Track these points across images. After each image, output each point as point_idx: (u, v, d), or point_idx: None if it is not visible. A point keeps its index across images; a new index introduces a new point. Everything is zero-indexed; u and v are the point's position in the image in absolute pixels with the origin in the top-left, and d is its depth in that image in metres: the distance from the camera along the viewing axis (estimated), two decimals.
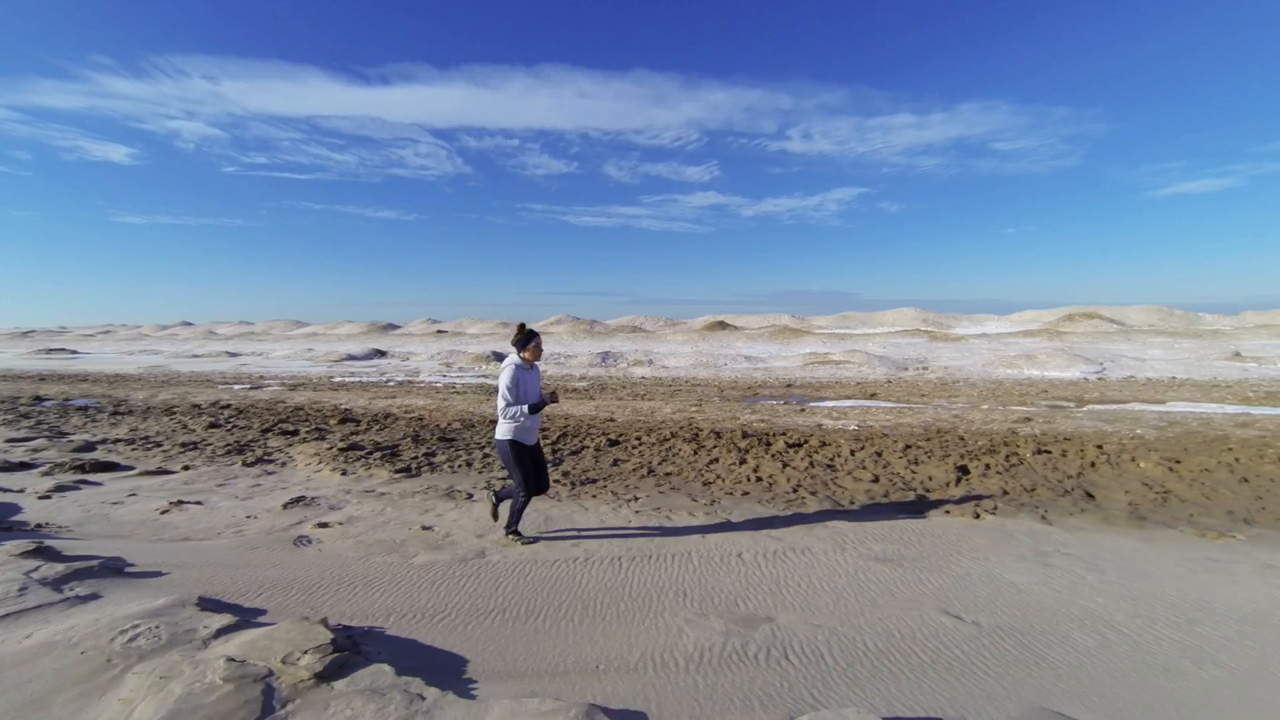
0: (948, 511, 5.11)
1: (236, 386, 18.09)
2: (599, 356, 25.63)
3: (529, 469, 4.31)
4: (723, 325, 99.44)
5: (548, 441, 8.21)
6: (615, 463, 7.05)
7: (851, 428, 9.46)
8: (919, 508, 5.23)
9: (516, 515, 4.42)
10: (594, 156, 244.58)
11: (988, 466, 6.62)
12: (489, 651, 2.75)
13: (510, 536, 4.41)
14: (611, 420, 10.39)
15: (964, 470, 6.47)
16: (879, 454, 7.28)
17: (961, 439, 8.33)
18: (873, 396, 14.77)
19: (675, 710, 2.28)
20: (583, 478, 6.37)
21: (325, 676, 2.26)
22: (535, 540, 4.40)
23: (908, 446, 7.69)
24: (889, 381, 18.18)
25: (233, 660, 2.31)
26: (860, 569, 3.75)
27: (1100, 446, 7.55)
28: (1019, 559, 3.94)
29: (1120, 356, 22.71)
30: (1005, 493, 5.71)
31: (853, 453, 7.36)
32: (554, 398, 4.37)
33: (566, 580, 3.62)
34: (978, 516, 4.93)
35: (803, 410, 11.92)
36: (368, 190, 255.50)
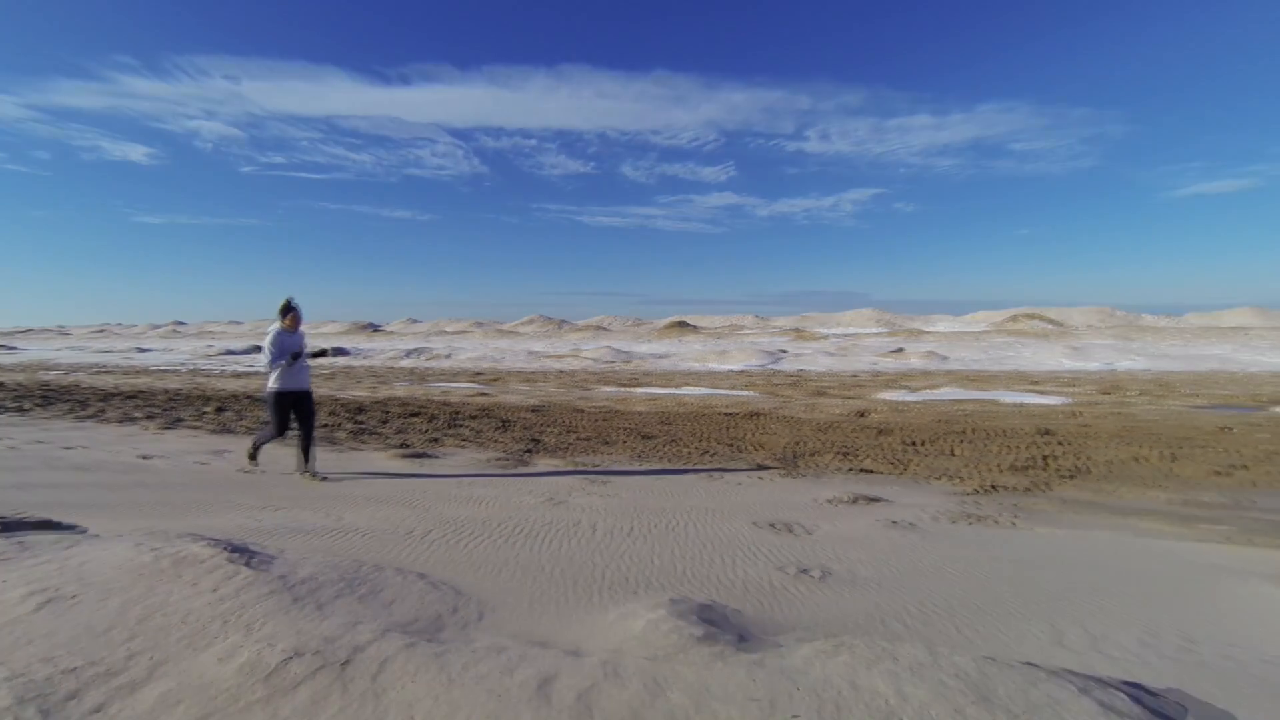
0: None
1: (51, 373, 23.04)
2: (404, 353, 30.33)
3: (285, 418, 5.05)
4: (682, 324, 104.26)
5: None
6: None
7: (363, 396, 14.04)
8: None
9: (257, 446, 5.32)
10: (611, 157, 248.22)
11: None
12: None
13: (251, 463, 5.35)
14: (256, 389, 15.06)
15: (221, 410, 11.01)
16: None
17: (378, 403, 12.88)
18: (494, 381, 19.31)
19: None
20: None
21: None
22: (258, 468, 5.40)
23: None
24: (561, 371, 22.66)
25: None
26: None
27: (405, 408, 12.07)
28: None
29: (816, 355, 26.92)
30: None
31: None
32: (324, 352, 5.38)
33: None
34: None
35: (382, 385, 16.53)
36: (384, 190, 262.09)
